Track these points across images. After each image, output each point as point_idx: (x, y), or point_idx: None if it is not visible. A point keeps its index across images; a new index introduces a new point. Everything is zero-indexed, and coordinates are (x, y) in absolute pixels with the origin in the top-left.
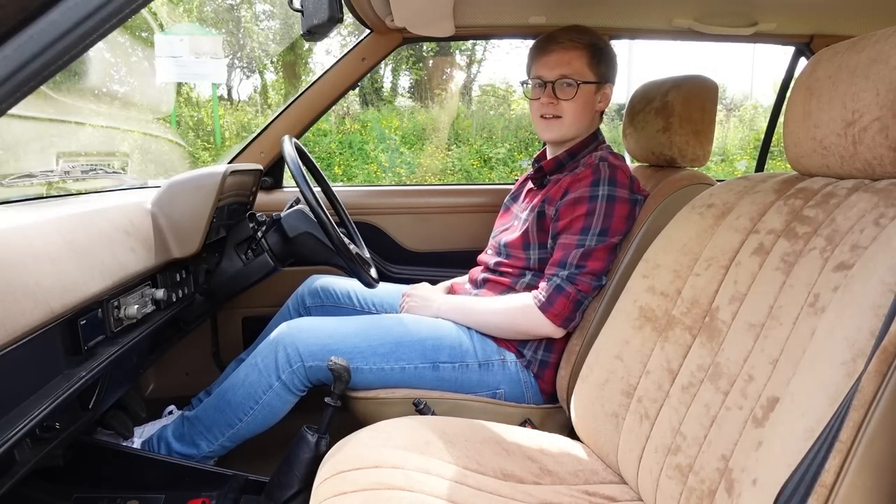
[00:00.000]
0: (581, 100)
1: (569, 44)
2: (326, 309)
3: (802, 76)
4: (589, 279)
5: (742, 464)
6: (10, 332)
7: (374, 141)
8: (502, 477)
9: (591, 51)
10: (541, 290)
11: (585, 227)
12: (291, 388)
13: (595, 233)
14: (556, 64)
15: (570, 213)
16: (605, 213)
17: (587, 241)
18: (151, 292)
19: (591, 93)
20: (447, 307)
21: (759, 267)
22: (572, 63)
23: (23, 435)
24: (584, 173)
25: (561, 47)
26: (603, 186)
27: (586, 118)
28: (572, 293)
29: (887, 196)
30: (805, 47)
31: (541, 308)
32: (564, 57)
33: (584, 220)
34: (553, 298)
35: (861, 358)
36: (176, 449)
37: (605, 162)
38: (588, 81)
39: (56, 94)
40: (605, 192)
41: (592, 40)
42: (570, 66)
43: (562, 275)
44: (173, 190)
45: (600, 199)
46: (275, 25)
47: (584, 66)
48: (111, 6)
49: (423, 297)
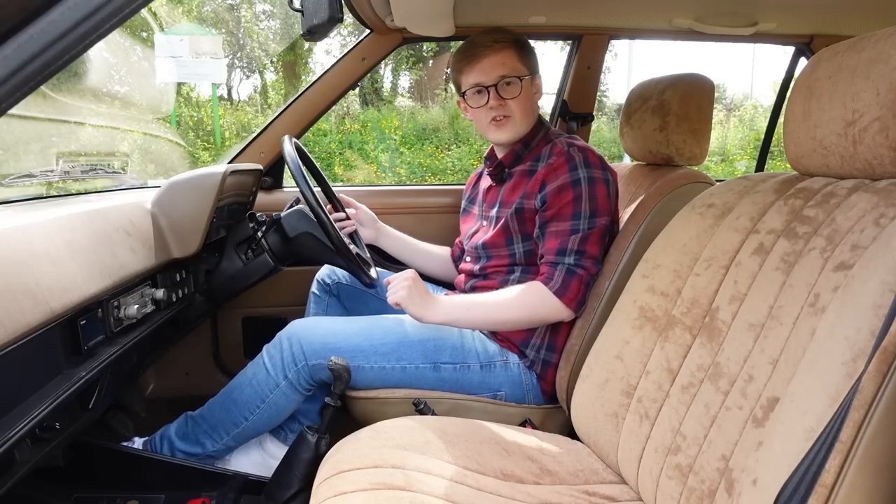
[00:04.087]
0: (525, 95)
1: (496, 45)
2: (342, 287)
3: (802, 76)
4: (592, 262)
5: (742, 464)
6: (10, 332)
7: (374, 141)
8: (502, 477)
9: (517, 46)
10: (549, 276)
11: (576, 213)
12: (298, 387)
13: (586, 216)
14: (491, 67)
15: (558, 202)
16: (589, 195)
17: (580, 225)
18: (151, 292)
19: (529, 86)
20: (446, 308)
21: (759, 267)
22: (506, 62)
23: (23, 435)
24: (557, 162)
25: (490, 50)
26: (581, 170)
27: (531, 112)
28: (584, 276)
29: (887, 196)
30: (805, 47)
31: (556, 293)
32: (497, 58)
33: (573, 206)
34: (567, 282)
35: (861, 358)
36: (179, 448)
37: (574, 147)
38: (525, 75)
39: (56, 94)
40: (584, 174)
41: (515, 36)
42: (506, 66)
43: (568, 260)
44: (173, 190)
45: (582, 183)
46: (275, 25)
47: (516, 61)
48: (111, 6)
49: (422, 292)
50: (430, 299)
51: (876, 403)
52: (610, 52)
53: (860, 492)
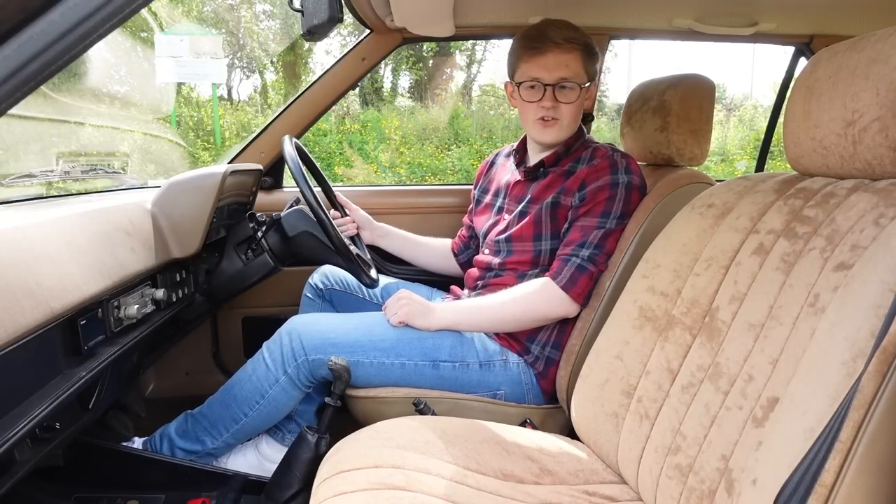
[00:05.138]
0: (578, 102)
1: (566, 45)
2: (335, 293)
3: (802, 76)
4: (604, 259)
5: (742, 464)
6: (10, 332)
7: (374, 141)
8: (502, 477)
9: (585, 51)
10: (557, 271)
11: (606, 211)
12: (297, 383)
13: (616, 216)
14: (554, 66)
15: (593, 200)
16: (624, 198)
17: (608, 223)
18: (151, 292)
19: (586, 93)
20: (449, 313)
21: (759, 267)
22: (570, 65)
23: (23, 435)
24: (602, 164)
25: (558, 48)
26: (622, 174)
27: (578, 118)
28: (594, 272)
29: (887, 196)
30: (805, 47)
31: (563, 288)
32: (563, 59)
33: (606, 205)
34: (576, 278)
35: (861, 358)
36: (179, 445)
37: (618, 153)
38: (585, 83)
39: (56, 94)
40: (624, 179)
41: (586, 39)
42: (569, 69)
43: (583, 255)
44: (173, 190)
45: (621, 186)
46: (275, 25)
47: (580, 67)
48: (111, 6)
49: (420, 303)
50: (431, 307)
51: (876, 403)
52: (610, 52)
53: (860, 492)
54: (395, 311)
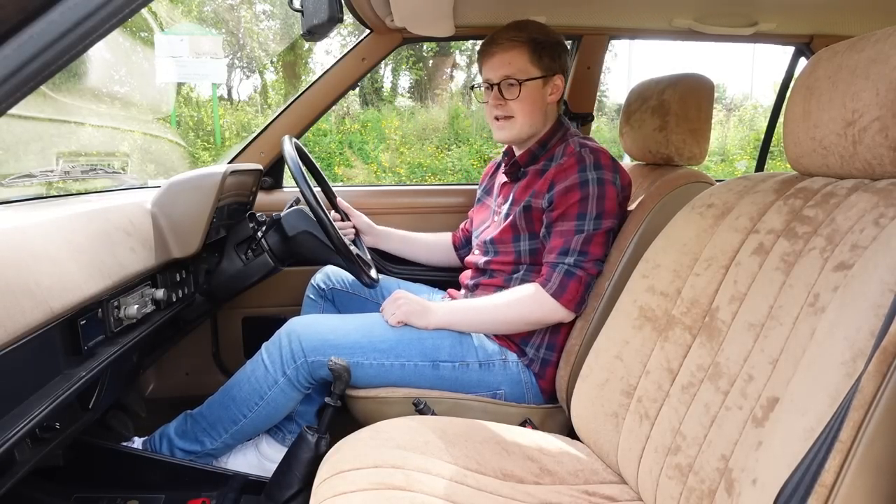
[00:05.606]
0: (528, 97)
1: (508, 43)
2: (337, 293)
3: (802, 76)
4: (593, 264)
5: (742, 464)
6: (10, 332)
7: (374, 141)
8: (502, 477)
9: (531, 46)
10: (547, 277)
11: (581, 213)
12: (296, 384)
13: (591, 217)
14: (498, 65)
15: (565, 203)
16: (597, 196)
17: (585, 226)
18: (151, 292)
19: (538, 88)
20: (445, 312)
21: (759, 267)
22: (513, 62)
23: (23, 435)
24: (568, 163)
25: (501, 48)
26: (590, 171)
27: (538, 114)
28: (584, 277)
29: (887, 196)
30: (805, 47)
31: (553, 295)
32: (505, 57)
33: (579, 207)
34: (565, 284)
35: (861, 358)
36: (178, 445)
37: (586, 148)
38: (531, 78)
39: (56, 94)
40: (593, 176)
41: (532, 35)
42: (512, 66)
43: (568, 261)
44: (173, 190)
45: (591, 184)
46: (275, 25)
47: (526, 62)
48: (111, 6)
49: (418, 302)
50: (429, 305)
51: (876, 403)
52: (610, 52)
53: (860, 492)
54: (392, 311)
